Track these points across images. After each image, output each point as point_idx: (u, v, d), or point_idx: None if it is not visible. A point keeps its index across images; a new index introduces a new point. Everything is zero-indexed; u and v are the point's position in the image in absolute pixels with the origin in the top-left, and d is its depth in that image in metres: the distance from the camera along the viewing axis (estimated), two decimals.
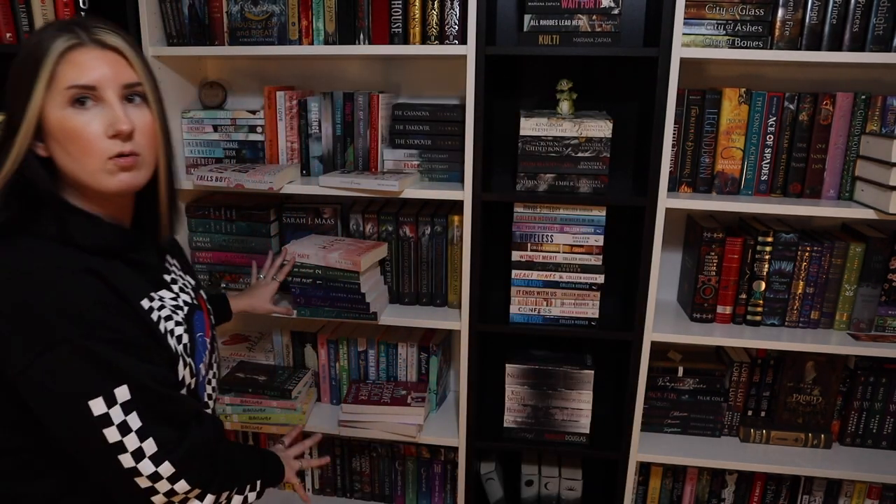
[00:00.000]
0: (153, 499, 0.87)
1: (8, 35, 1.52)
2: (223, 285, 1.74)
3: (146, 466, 0.83)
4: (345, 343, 1.77)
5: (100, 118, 0.84)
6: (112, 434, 0.81)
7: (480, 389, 1.67)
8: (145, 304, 0.90)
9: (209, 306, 1.14)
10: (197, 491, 0.90)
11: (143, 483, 0.84)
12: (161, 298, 0.94)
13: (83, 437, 0.82)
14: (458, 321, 1.57)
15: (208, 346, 1.06)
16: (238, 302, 1.50)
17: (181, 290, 1.02)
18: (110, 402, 0.80)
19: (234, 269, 1.73)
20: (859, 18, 1.36)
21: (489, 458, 1.82)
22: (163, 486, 0.85)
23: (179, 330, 0.95)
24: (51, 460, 0.88)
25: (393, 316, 1.60)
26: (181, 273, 1.08)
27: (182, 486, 0.87)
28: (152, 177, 0.92)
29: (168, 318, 0.93)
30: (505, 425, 1.65)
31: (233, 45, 1.56)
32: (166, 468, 0.84)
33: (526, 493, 1.78)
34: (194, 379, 1.00)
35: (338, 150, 1.65)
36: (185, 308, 1.00)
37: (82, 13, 1.54)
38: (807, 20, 1.37)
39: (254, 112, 1.65)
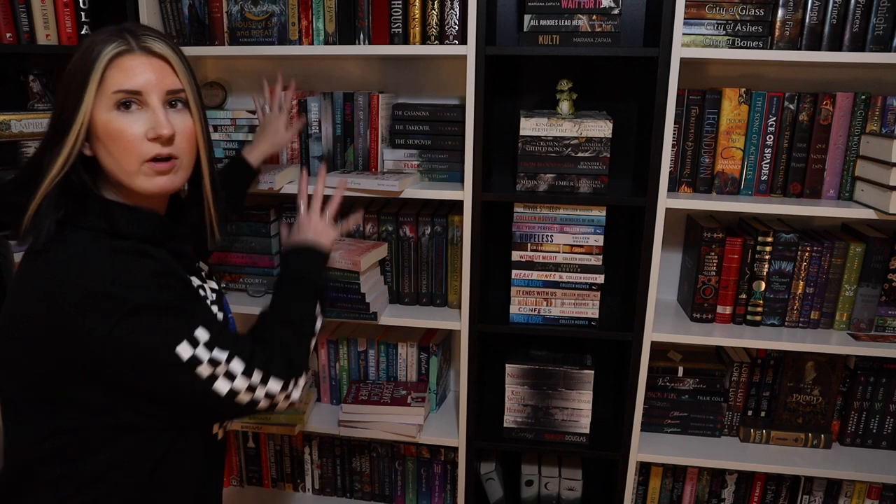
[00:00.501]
0: (257, 408, 0.94)
1: (8, 35, 1.52)
2: (223, 284, 1.74)
3: (241, 383, 0.90)
4: (345, 343, 1.78)
5: (142, 121, 0.89)
6: (204, 370, 0.87)
7: (480, 389, 1.67)
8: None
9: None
10: (292, 381, 0.97)
11: (245, 398, 0.91)
12: (196, 283, 1.01)
13: (179, 383, 0.87)
14: (458, 321, 1.57)
15: (235, 328, 1.14)
16: (258, 151, 1.46)
17: (207, 276, 1.09)
18: (194, 343, 0.87)
19: (235, 269, 1.73)
20: (859, 18, 1.36)
21: (489, 458, 1.82)
22: (260, 392, 0.93)
23: (215, 309, 1.03)
24: (106, 437, 0.92)
25: (393, 316, 1.60)
26: (202, 265, 1.13)
27: (274, 385, 0.94)
28: (198, 180, 1.00)
29: (205, 298, 1.01)
30: (505, 425, 1.65)
31: (233, 45, 1.56)
32: (257, 376, 0.92)
33: (526, 493, 1.78)
34: None
35: (338, 150, 1.65)
36: (214, 294, 1.07)
37: (83, 13, 1.54)
38: (807, 20, 1.37)
39: (254, 112, 1.65)
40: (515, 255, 1.53)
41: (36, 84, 1.56)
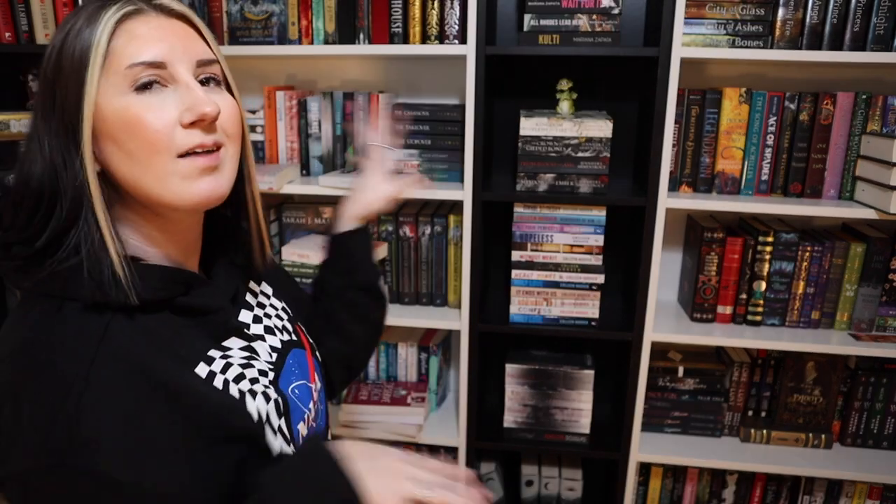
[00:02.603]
0: None
1: (7, 35, 1.52)
2: None
3: None
4: None
5: (173, 101, 0.62)
6: None
7: (480, 389, 1.67)
8: (202, 370, 0.65)
9: (311, 340, 0.88)
10: None
11: None
12: (228, 351, 0.70)
13: None
14: (458, 321, 1.57)
15: (313, 394, 0.81)
16: (350, 214, 1.04)
17: (268, 330, 0.78)
18: None
19: None
20: (860, 18, 1.35)
21: (489, 458, 1.82)
22: None
23: (259, 388, 0.70)
24: None
25: (393, 316, 1.60)
26: (273, 303, 0.84)
27: None
28: (237, 185, 0.71)
29: (240, 377, 0.68)
30: (505, 425, 1.65)
31: (233, 45, 1.56)
32: None
33: (526, 494, 1.78)
34: (291, 445, 0.73)
35: (338, 150, 1.65)
36: (274, 354, 0.76)
37: None
38: (807, 20, 1.37)
39: (254, 112, 1.65)
40: (515, 255, 1.53)
41: (35, 84, 1.57)
